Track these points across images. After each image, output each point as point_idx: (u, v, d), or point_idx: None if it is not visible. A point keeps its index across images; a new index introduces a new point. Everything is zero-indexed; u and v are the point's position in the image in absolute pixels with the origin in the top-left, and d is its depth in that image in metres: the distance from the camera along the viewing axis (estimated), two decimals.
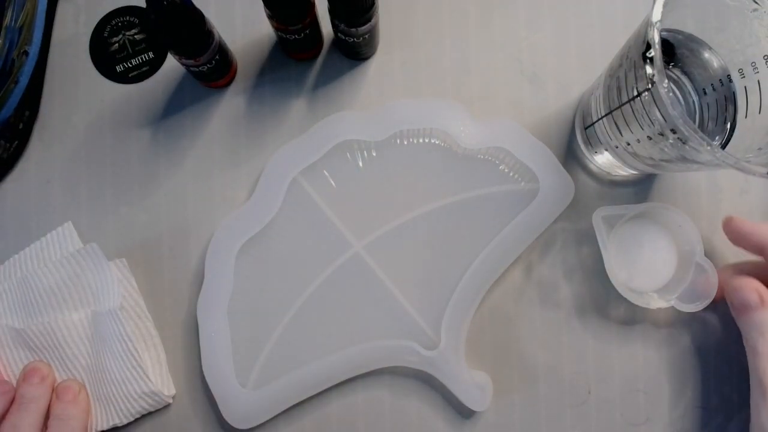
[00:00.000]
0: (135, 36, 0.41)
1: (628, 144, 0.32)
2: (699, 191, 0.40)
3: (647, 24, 0.26)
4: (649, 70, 0.26)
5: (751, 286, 0.34)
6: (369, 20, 0.35)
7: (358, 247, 0.39)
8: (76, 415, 0.36)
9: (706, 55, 0.33)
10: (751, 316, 0.33)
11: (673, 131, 0.27)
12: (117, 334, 0.37)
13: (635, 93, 0.29)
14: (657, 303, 0.37)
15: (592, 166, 0.40)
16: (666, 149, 0.29)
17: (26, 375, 0.36)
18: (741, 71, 0.32)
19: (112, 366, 0.37)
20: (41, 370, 0.36)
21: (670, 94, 0.26)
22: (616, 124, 0.32)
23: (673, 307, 0.36)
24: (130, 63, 0.41)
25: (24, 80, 0.38)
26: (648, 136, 0.30)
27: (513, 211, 0.39)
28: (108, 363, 0.37)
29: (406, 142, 0.39)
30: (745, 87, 0.32)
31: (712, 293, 0.36)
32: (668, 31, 0.33)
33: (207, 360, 0.38)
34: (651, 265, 0.37)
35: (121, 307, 0.37)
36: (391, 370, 0.39)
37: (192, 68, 0.37)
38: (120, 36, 0.41)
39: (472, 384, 0.38)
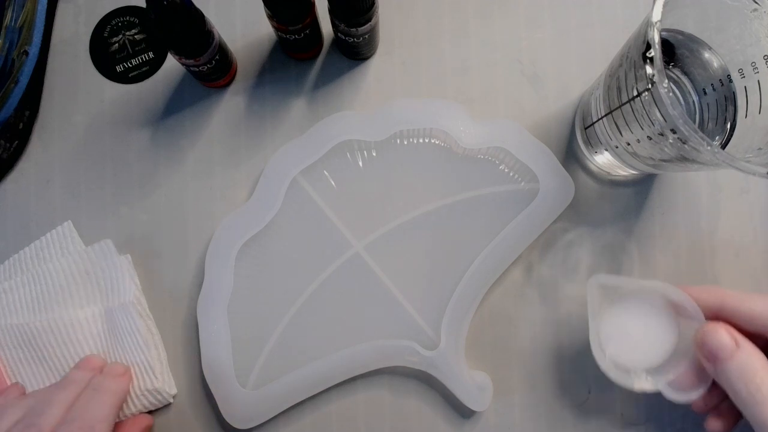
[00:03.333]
0: (135, 36, 0.41)
1: (628, 144, 0.32)
2: (699, 191, 0.40)
3: (647, 24, 0.26)
4: (649, 70, 0.26)
5: (721, 328, 0.30)
6: (369, 20, 0.35)
7: (358, 247, 0.39)
8: (113, 389, 0.34)
9: (706, 55, 0.33)
10: (728, 364, 0.29)
11: (673, 131, 0.27)
12: (127, 328, 0.37)
13: (635, 93, 0.29)
14: (643, 383, 0.33)
15: (592, 166, 0.40)
16: (666, 149, 0.29)
17: (80, 363, 0.36)
18: (741, 71, 0.32)
19: (120, 360, 0.37)
20: (93, 361, 0.36)
21: (670, 94, 0.26)
22: (616, 124, 0.32)
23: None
24: (130, 63, 0.41)
25: (24, 80, 0.38)
26: (648, 136, 0.30)
27: (513, 211, 0.39)
28: (116, 358, 0.37)
29: (406, 142, 0.39)
30: (745, 87, 0.32)
31: (707, 383, 0.32)
32: (668, 31, 0.33)
33: (207, 360, 0.38)
34: (644, 342, 0.34)
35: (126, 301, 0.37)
36: (391, 370, 0.39)
37: (192, 68, 0.37)
38: (120, 36, 0.41)
39: (472, 384, 0.38)
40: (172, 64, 0.41)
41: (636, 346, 0.34)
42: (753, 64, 0.31)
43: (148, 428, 0.37)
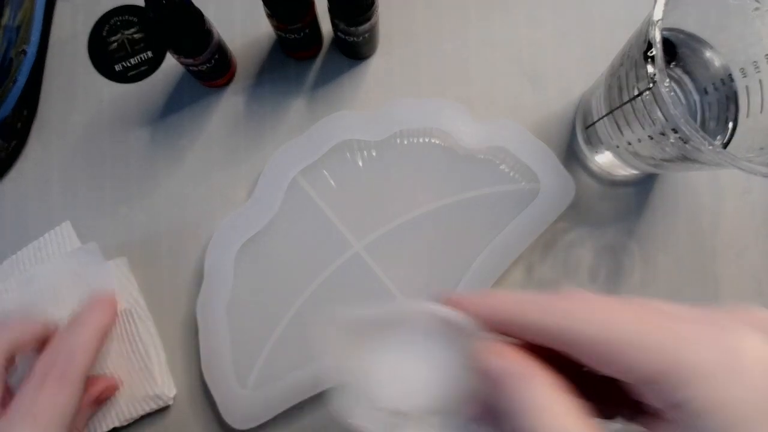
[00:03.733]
0: (134, 35, 0.41)
1: (629, 143, 0.32)
2: (701, 191, 0.40)
3: (648, 23, 0.26)
4: (650, 69, 0.26)
5: (491, 349, 0.21)
6: (369, 19, 0.35)
7: (358, 247, 0.39)
8: (95, 324, 0.34)
9: (708, 54, 0.33)
10: (505, 395, 0.20)
11: (675, 131, 0.27)
12: (125, 334, 0.37)
13: (636, 92, 0.29)
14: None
15: (593, 166, 0.40)
16: (667, 149, 0.29)
17: None
18: (742, 70, 0.32)
19: (116, 367, 0.37)
20: None
21: (672, 93, 0.26)
22: (617, 123, 0.32)
23: None
24: (129, 62, 0.41)
25: (22, 79, 0.38)
26: (649, 136, 0.30)
27: (513, 211, 0.38)
28: (115, 363, 0.37)
29: (406, 142, 0.39)
30: (747, 86, 0.32)
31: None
32: (669, 30, 0.33)
33: (206, 360, 0.38)
34: (423, 379, 0.24)
35: (123, 308, 0.37)
36: None
37: (191, 67, 0.37)
38: (119, 35, 0.41)
39: None
40: (171, 63, 0.41)
41: (413, 387, 0.25)
42: (755, 63, 0.31)
43: (113, 389, 0.37)
